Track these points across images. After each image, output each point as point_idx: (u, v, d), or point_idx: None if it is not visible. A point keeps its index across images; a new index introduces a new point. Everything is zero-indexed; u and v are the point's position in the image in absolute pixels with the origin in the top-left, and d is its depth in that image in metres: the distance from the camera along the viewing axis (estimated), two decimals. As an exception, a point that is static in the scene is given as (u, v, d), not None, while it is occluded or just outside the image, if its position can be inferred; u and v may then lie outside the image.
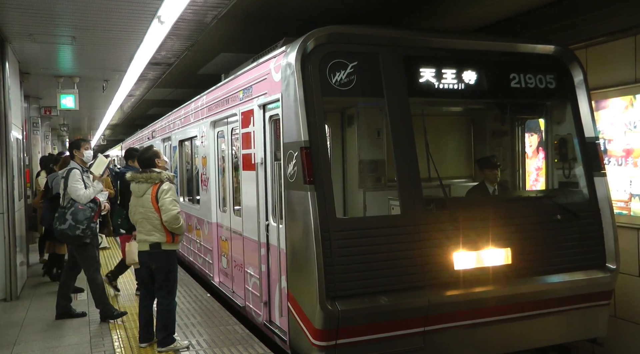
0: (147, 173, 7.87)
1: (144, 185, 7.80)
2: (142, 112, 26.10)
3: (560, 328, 7.63)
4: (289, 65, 6.94)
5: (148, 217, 7.73)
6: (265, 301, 8.26)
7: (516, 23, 9.72)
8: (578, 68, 8.09)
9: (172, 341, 7.92)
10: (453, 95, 7.61)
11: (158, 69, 15.02)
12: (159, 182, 7.79)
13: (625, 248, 8.19)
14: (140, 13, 9.21)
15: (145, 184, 7.79)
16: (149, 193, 7.75)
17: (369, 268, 6.60)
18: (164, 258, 7.82)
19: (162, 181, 7.80)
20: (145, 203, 7.75)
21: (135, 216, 7.88)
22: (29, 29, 10.20)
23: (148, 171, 7.91)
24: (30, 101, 18.60)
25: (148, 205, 7.73)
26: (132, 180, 7.90)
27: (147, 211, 7.73)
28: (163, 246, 7.76)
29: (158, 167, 8.00)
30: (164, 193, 7.69)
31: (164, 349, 7.85)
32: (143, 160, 8.09)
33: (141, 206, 7.78)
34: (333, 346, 6.48)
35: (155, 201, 7.69)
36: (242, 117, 9.06)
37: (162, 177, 7.84)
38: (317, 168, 6.56)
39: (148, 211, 7.72)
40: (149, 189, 7.77)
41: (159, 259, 7.80)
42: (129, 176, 8.03)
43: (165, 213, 7.61)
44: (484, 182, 8.56)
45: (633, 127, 8.36)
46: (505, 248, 7.25)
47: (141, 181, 7.82)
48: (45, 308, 10.37)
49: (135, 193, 7.89)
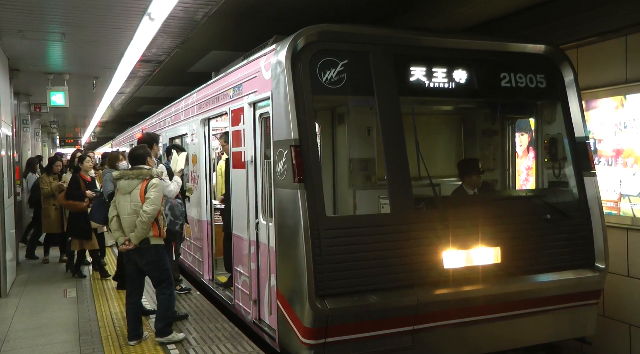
0: (138, 169, 7.90)
1: (135, 181, 7.80)
2: (132, 110, 26.04)
3: (549, 326, 7.65)
4: (279, 63, 6.93)
5: (137, 213, 7.73)
6: (254, 299, 8.25)
7: (507, 23, 9.72)
8: (569, 68, 8.10)
9: (170, 332, 8.00)
10: (443, 94, 7.60)
11: (148, 67, 14.96)
12: (149, 177, 7.83)
13: (614, 248, 8.21)
14: (131, 10, 9.18)
15: (136, 180, 7.80)
16: (138, 189, 7.77)
17: (359, 267, 6.59)
18: (154, 253, 7.85)
19: (152, 177, 7.86)
20: (134, 198, 7.76)
21: (122, 217, 7.83)
22: (18, 25, 10.14)
23: (138, 167, 7.95)
24: (20, 98, 18.52)
25: (136, 200, 7.74)
26: (121, 177, 7.88)
27: (136, 207, 7.73)
28: (152, 240, 7.80)
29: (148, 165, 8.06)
30: (152, 187, 7.74)
31: (162, 339, 7.93)
32: (135, 157, 8.13)
33: (132, 203, 7.75)
34: (322, 344, 6.48)
35: (144, 195, 7.72)
36: (233, 115, 9.04)
37: (153, 173, 7.91)
38: (307, 167, 6.55)
39: (137, 207, 7.72)
40: (139, 185, 7.78)
41: (149, 254, 7.83)
42: (116, 174, 8.02)
43: (150, 205, 7.63)
44: (462, 187, 8.44)
45: (623, 127, 8.39)
46: (494, 247, 7.26)
47: (131, 178, 7.82)
48: (35, 305, 10.34)
49: (122, 189, 7.85)
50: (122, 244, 7.84)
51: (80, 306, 10.02)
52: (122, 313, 9.43)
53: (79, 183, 12.08)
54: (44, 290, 11.52)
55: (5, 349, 8.05)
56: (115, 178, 7.96)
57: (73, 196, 12.00)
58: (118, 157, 10.79)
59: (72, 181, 12.19)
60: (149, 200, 7.67)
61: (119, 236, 7.91)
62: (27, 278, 12.68)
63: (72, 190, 12.06)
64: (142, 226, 7.64)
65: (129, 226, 7.79)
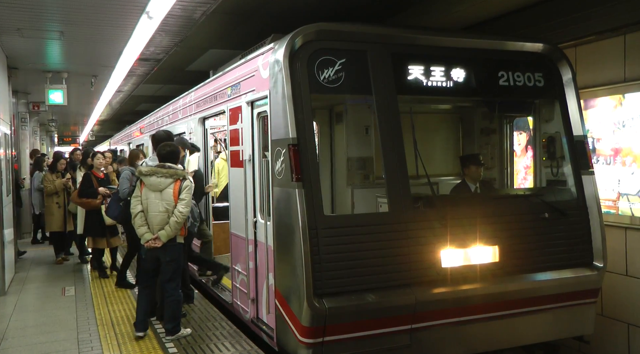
0: (168, 168, 8.02)
1: (168, 180, 7.96)
2: (130, 108, 25.98)
3: (547, 325, 7.65)
4: (277, 62, 6.92)
5: (168, 211, 7.91)
6: (252, 298, 8.24)
7: (505, 21, 9.71)
8: (567, 67, 8.09)
9: (179, 330, 8.20)
10: (441, 92, 7.59)
11: (146, 65, 14.95)
12: (182, 178, 8.04)
13: (612, 247, 8.22)
14: (129, 8, 9.18)
15: (170, 179, 7.96)
16: (171, 188, 7.94)
17: (357, 266, 6.59)
18: (178, 250, 8.14)
19: (185, 178, 8.10)
20: (166, 197, 7.91)
21: (152, 214, 7.93)
22: (17, 23, 10.15)
23: (168, 166, 8.06)
24: (18, 96, 18.53)
25: (169, 199, 7.91)
26: (153, 174, 7.96)
27: (169, 206, 7.90)
28: (178, 239, 8.08)
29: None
30: (186, 189, 8.00)
31: (173, 337, 8.11)
32: (167, 155, 8.19)
33: (164, 202, 7.90)
34: (320, 343, 6.48)
35: (177, 196, 7.93)
36: (230, 114, 9.03)
37: (185, 174, 8.19)
38: (305, 166, 6.55)
39: (169, 206, 7.90)
40: (172, 184, 7.96)
41: (174, 252, 8.07)
42: (146, 169, 8.03)
43: (185, 206, 7.91)
44: (465, 181, 8.53)
45: (621, 126, 8.38)
46: (492, 245, 7.25)
47: (164, 176, 7.96)
48: (34, 303, 10.34)
49: (152, 186, 7.95)
50: (148, 241, 7.94)
51: (79, 305, 10.03)
52: (120, 312, 9.45)
53: (91, 181, 12.02)
54: (43, 288, 11.53)
55: (4, 347, 8.05)
56: (145, 174, 7.97)
57: (86, 194, 11.95)
58: (138, 155, 10.84)
59: (85, 179, 12.16)
60: (183, 201, 7.91)
61: (145, 232, 7.96)
62: (25, 276, 12.69)
63: (84, 188, 12.02)
64: (176, 226, 7.88)
65: (158, 224, 7.93)
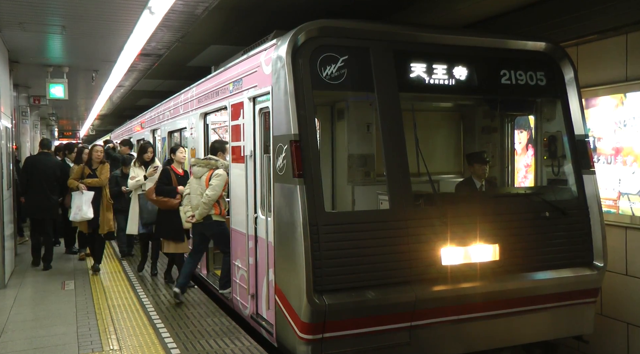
0: (207, 160, 9.72)
1: (204, 169, 9.65)
2: (131, 103, 25.95)
3: (547, 324, 7.66)
4: (279, 58, 6.92)
5: (202, 195, 9.50)
6: (252, 293, 8.25)
7: (507, 20, 9.70)
8: (569, 66, 8.09)
9: (229, 286, 9.48)
10: (443, 90, 7.59)
11: (148, 60, 14.94)
12: (215, 168, 9.57)
13: (612, 247, 8.22)
14: (131, 3, 9.17)
15: (205, 168, 9.64)
16: (205, 175, 9.60)
17: (357, 263, 6.59)
18: (216, 226, 9.66)
19: (218, 167, 9.58)
20: (202, 182, 9.60)
21: (193, 197, 9.70)
22: (18, 17, 10.14)
23: (209, 158, 9.80)
24: (19, 90, 18.51)
25: (203, 184, 9.57)
26: (195, 164, 9.78)
27: (202, 190, 9.53)
28: (213, 217, 9.60)
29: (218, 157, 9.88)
30: (216, 176, 9.46)
31: (226, 291, 9.51)
32: (211, 148, 10.18)
33: (200, 187, 9.58)
34: (319, 339, 6.49)
35: (208, 181, 9.49)
36: (232, 109, 9.03)
37: (219, 164, 9.63)
38: (307, 162, 6.55)
39: (203, 190, 9.52)
40: (207, 172, 9.60)
41: (212, 228, 9.65)
42: (192, 161, 10.06)
43: (212, 190, 9.39)
44: (471, 178, 8.56)
45: (623, 125, 8.38)
46: (493, 244, 7.26)
47: (202, 166, 9.69)
48: (33, 296, 10.35)
49: (195, 174, 9.74)
50: (188, 218, 9.73)
51: (79, 299, 10.03)
52: (120, 306, 9.46)
53: (169, 177, 10.67)
54: (42, 281, 11.52)
55: (3, 340, 8.06)
56: (192, 164, 9.95)
57: (163, 192, 10.58)
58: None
59: (163, 175, 10.81)
60: (211, 186, 9.41)
61: (188, 210, 9.82)
62: (25, 270, 12.68)
63: (162, 184, 10.65)
64: (203, 207, 9.45)
65: (196, 206, 9.61)
